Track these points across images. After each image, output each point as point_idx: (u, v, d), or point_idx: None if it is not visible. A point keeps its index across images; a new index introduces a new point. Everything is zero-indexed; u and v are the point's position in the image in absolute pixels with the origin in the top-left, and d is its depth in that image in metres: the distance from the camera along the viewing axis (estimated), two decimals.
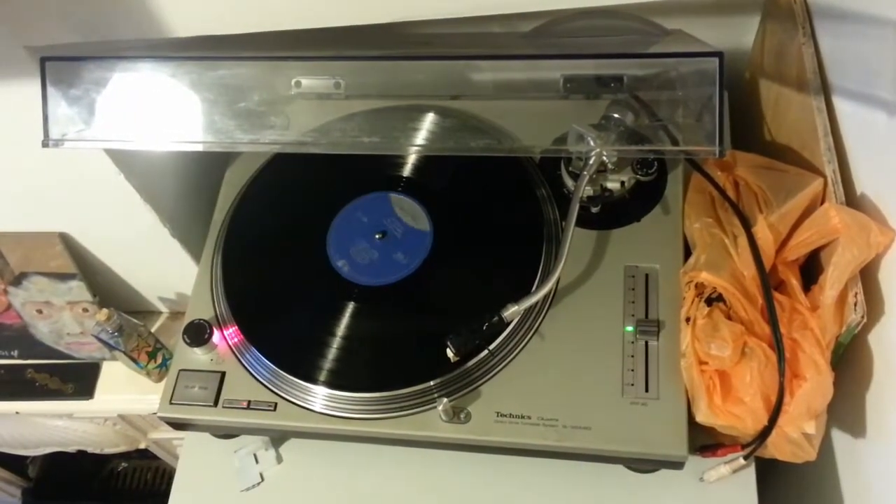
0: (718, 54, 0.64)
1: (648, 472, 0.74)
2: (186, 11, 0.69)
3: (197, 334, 0.77)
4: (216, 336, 0.77)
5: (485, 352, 0.71)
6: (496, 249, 0.78)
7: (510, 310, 0.68)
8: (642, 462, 0.71)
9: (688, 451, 0.66)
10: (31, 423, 1.26)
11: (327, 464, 0.80)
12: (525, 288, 0.71)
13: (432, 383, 0.71)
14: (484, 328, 0.68)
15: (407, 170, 0.83)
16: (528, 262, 0.74)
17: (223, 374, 0.76)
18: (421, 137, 0.79)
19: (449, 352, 0.67)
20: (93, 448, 1.35)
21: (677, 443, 0.66)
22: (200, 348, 0.76)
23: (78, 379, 1.13)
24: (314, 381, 0.73)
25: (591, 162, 0.71)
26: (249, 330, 0.77)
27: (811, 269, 0.70)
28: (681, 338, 0.68)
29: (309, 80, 0.81)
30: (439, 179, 0.82)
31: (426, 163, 0.83)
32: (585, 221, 0.76)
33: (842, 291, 0.63)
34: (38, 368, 1.14)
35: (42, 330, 1.10)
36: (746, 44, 0.91)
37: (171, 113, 0.74)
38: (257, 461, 0.81)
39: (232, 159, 0.90)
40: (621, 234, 0.76)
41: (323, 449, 0.79)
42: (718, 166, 0.74)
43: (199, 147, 0.75)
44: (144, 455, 1.42)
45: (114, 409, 1.18)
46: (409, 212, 0.80)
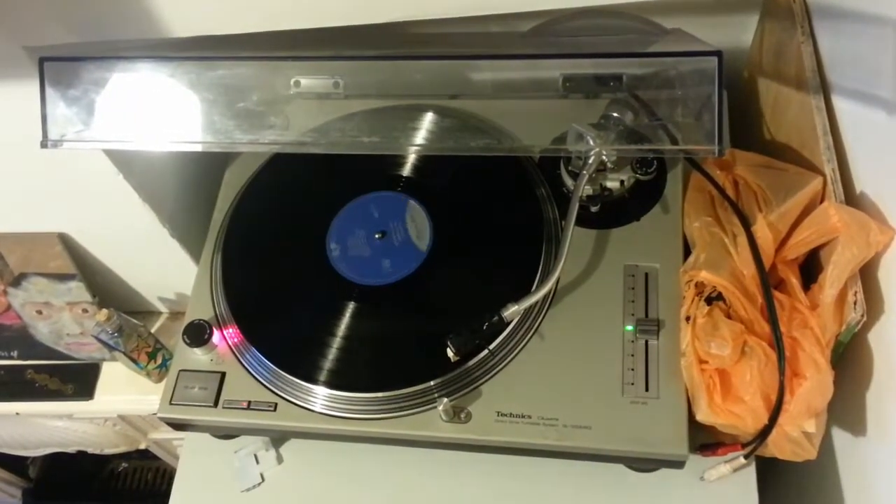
0: (717, 53, 0.64)
1: (649, 472, 0.74)
2: (185, 11, 0.69)
3: (197, 334, 0.77)
4: (216, 336, 0.77)
5: (485, 351, 0.71)
6: (496, 249, 0.78)
7: (510, 309, 0.68)
8: (643, 461, 0.71)
9: (688, 451, 0.66)
10: (32, 424, 1.26)
11: (327, 464, 0.80)
12: (525, 287, 0.71)
13: (432, 383, 0.71)
14: (484, 328, 0.68)
15: (406, 170, 0.83)
16: (528, 262, 0.74)
17: (223, 375, 0.76)
18: (420, 137, 0.79)
19: (449, 351, 0.68)
20: (93, 448, 1.35)
21: (677, 442, 0.66)
22: (200, 348, 0.76)
23: (78, 379, 1.13)
24: (314, 382, 0.73)
25: (591, 161, 0.71)
26: (249, 330, 0.77)
27: (811, 268, 0.70)
28: (681, 337, 0.68)
29: (308, 80, 0.81)
30: (439, 179, 0.82)
31: (425, 162, 0.83)
32: (585, 221, 0.76)
33: (841, 290, 0.63)
34: (38, 369, 1.14)
35: (42, 330, 1.10)
36: (745, 42, 0.91)
37: (171, 113, 0.74)
38: (258, 461, 0.81)
39: (231, 159, 0.90)
40: (621, 234, 0.76)
41: (323, 449, 0.79)
42: (718, 165, 0.74)
43: (199, 147, 0.75)
44: (144, 455, 1.42)
45: (114, 410, 1.18)
46: (418, 226, 0.79)
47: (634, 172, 0.75)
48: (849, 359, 0.67)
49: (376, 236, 0.79)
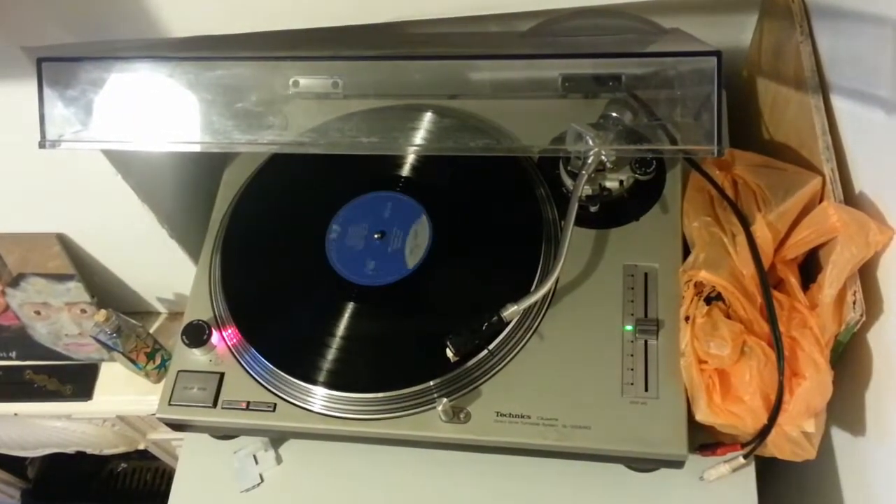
0: (717, 53, 0.64)
1: (648, 472, 0.74)
2: (184, 11, 0.69)
3: (196, 335, 0.76)
4: (215, 337, 0.77)
5: (484, 352, 0.71)
6: (495, 249, 0.78)
7: (510, 310, 0.68)
8: (642, 461, 0.71)
9: (687, 451, 0.66)
10: (30, 425, 1.26)
11: (327, 464, 0.80)
12: (524, 288, 0.71)
13: (432, 383, 0.71)
14: (483, 328, 0.68)
15: (406, 170, 0.83)
16: (528, 262, 0.74)
17: (222, 375, 0.76)
18: (419, 137, 0.79)
19: (448, 352, 0.67)
20: (92, 449, 1.34)
21: (677, 442, 0.66)
22: (199, 349, 0.76)
23: (76, 380, 1.12)
24: (313, 382, 0.73)
25: (590, 161, 0.71)
26: (248, 330, 0.77)
27: (810, 268, 0.70)
28: (680, 337, 0.68)
29: (307, 80, 0.81)
30: (438, 179, 0.82)
31: (425, 163, 0.83)
32: (584, 221, 0.76)
33: (841, 290, 0.63)
34: (37, 370, 1.13)
35: (40, 331, 1.10)
36: (744, 42, 0.91)
37: (169, 113, 0.74)
38: (257, 462, 0.81)
39: (230, 159, 0.90)
40: (620, 234, 0.76)
41: (323, 449, 0.79)
42: (717, 165, 0.74)
43: (197, 147, 0.75)
44: (144, 456, 1.42)
45: (113, 411, 1.18)
46: (418, 242, 0.78)
47: (633, 172, 0.75)
48: (848, 359, 0.67)
49: (375, 236, 0.79)
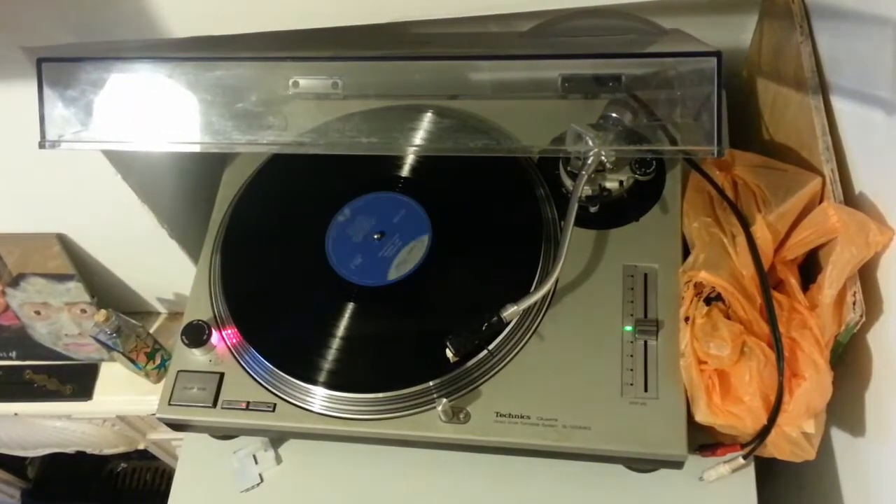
0: (717, 54, 0.64)
1: (648, 472, 0.74)
2: (183, 12, 0.69)
3: (195, 335, 0.76)
4: (215, 337, 0.77)
5: (484, 352, 0.71)
6: (495, 249, 0.78)
7: (509, 310, 0.68)
8: (642, 462, 0.71)
9: (687, 451, 0.66)
10: (30, 425, 1.26)
11: (327, 464, 0.80)
12: (524, 288, 0.71)
13: (432, 384, 0.71)
14: (483, 328, 0.68)
15: (406, 170, 0.83)
16: (527, 262, 0.74)
17: (222, 375, 0.76)
18: (419, 138, 0.79)
19: (448, 352, 0.67)
20: (92, 449, 1.34)
21: (677, 442, 0.66)
22: (199, 349, 0.76)
23: (76, 380, 1.12)
24: (313, 382, 0.73)
25: (590, 161, 0.71)
26: (248, 331, 0.77)
27: (810, 269, 0.70)
28: (680, 337, 0.68)
29: (307, 81, 0.81)
30: (438, 179, 0.82)
31: (425, 163, 0.83)
32: (584, 221, 0.75)
33: (840, 290, 0.63)
34: (37, 370, 1.13)
35: (40, 331, 1.10)
36: (744, 42, 0.91)
37: (169, 114, 0.74)
38: (256, 462, 0.81)
39: (230, 160, 0.90)
40: (620, 234, 0.76)
41: (322, 449, 0.79)
42: (717, 165, 0.74)
43: (197, 148, 0.75)
44: (144, 456, 1.42)
45: (113, 410, 1.18)
46: (410, 257, 0.77)
47: (633, 173, 0.75)
48: (848, 359, 0.67)
49: (375, 236, 0.79)
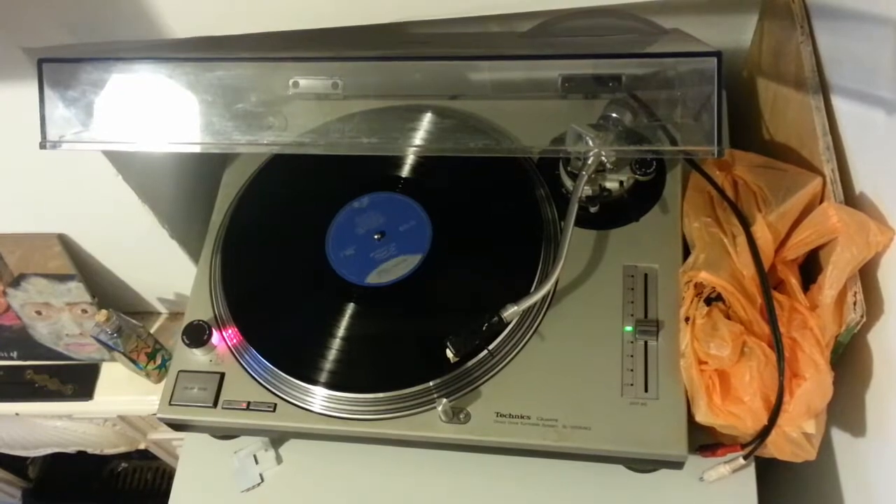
0: (717, 54, 0.64)
1: (648, 472, 0.74)
2: (184, 12, 0.69)
3: (196, 335, 0.77)
4: (215, 337, 0.77)
5: (484, 352, 0.71)
6: (495, 250, 0.78)
7: (509, 310, 0.68)
8: (642, 462, 0.71)
9: (687, 451, 0.66)
10: (31, 425, 1.26)
11: (327, 464, 0.80)
12: (524, 288, 0.71)
13: (432, 384, 0.71)
14: (483, 328, 0.68)
15: (406, 170, 0.83)
16: (527, 263, 0.74)
17: (222, 375, 0.76)
18: (419, 138, 0.79)
19: (448, 352, 0.67)
20: (92, 449, 1.35)
21: (677, 443, 0.66)
22: (199, 349, 0.76)
23: (77, 380, 1.13)
24: (313, 382, 0.73)
25: (590, 162, 0.71)
26: (248, 331, 0.77)
27: (810, 269, 0.70)
28: (680, 337, 0.68)
29: (307, 81, 0.81)
30: (438, 179, 0.82)
31: (424, 163, 0.83)
32: (584, 221, 0.75)
33: (841, 291, 0.63)
34: (38, 370, 1.14)
35: (41, 331, 1.10)
36: (744, 42, 0.91)
37: (169, 114, 0.74)
38: (257, 462, 0.81)
39: (230, 160, 0.90)
40: (620, 234, 0.76)
41: (322, 449, 0.79)
42: (717, 165, 0.74)
43: (197, 148, 0.75)
44: (144, 455, 1.42)
45: (113, 410, 1.18)
46: (396, 269, 0.77)
47: (633, 173, 0.75)
48: (848, 359, 0.67)
49: (375, 236, 0.79)
